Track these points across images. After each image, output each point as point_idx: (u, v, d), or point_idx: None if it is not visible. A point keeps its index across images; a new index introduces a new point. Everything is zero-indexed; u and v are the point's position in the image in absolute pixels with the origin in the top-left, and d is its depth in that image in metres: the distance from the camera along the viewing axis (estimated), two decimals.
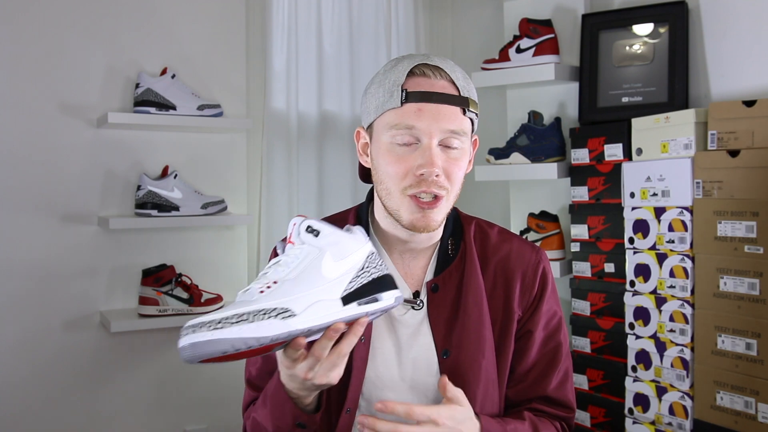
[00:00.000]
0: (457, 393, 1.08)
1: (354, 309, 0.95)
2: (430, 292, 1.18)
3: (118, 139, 2.31)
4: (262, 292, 0.92)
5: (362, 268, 0.97)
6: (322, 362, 0.97)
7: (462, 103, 1.11)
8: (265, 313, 0.89)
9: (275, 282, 0.93)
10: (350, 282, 0.96)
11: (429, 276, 1.20)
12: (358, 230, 1.03)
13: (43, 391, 2.20)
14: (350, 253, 0.97)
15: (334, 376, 0.99)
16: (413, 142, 1.10)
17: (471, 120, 1.15)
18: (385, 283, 0.99)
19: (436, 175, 1.09)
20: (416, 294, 1.20)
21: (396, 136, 1.10)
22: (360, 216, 1.24)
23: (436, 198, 1.11)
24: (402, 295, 1.03)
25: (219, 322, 0.86)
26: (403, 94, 1.09)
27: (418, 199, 1.10)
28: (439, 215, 1.13)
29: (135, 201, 2.27)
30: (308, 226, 0.97)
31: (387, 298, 0.99)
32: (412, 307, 1.18)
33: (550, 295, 1.24)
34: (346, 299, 0.95)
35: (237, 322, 0.87)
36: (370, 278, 0.97)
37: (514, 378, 1.22)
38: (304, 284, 0.93)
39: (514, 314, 1.20)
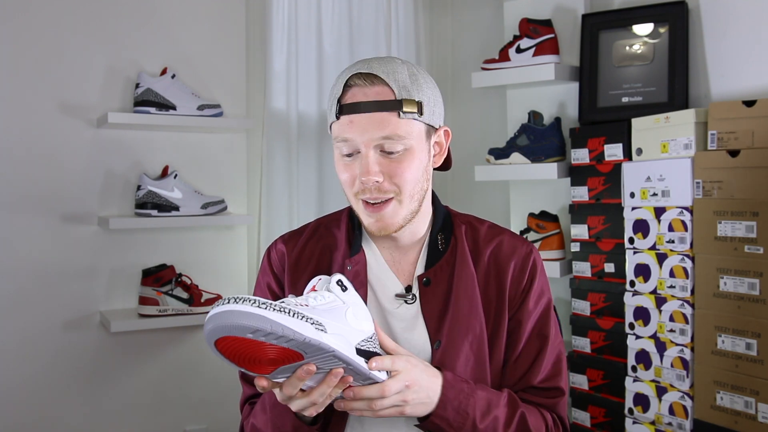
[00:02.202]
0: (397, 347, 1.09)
1: (362, 362, 0.99)
2: (421, 286, 1.21)
3: (118, 139, 2.31)
4: (298, 305, 0.94)
5: (371, 338, 1.02)
6: (317, 406, 1.00)
7: (394, 107, 1.11)
8: (303, 317, 0.91)
9: (307, 305, 0.96)
10: (361, 341, 1.00)
11: (420, 270, 1.23)
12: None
13: (43, 391, 2.20)
14: (365, 319, 1.02)
15: (325, 404, 1.02)
16: (355, 152, 1.13)
17: (415, 119, 1.13)
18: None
19: (377, 181, 1.11)
20: (408, 288, 1.22)
21: (340, 147, 1.14)
22: (352, 216, 1.27)
23: (386, 201, 1.14)
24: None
25: (263, 304, 0.88)
26: (338, 107, 1.13)
27: (366, 202, 1.14)
28: (395, 217, 1.15)
29: (135, 201, 2.27)
30: (339, 280, 1.02)
31: (382, 374, 1.03)
32: (405, 302, 1.21)
33: (541, 285, 1.26)
34: (358, 352, 0.99)
35: (279, 311, 0.88)
36: (375, 349, 1.03)
37: (506, 367, 1.23)
38: (333, 318, 0.96)
39: (506, 304, 1.22)
